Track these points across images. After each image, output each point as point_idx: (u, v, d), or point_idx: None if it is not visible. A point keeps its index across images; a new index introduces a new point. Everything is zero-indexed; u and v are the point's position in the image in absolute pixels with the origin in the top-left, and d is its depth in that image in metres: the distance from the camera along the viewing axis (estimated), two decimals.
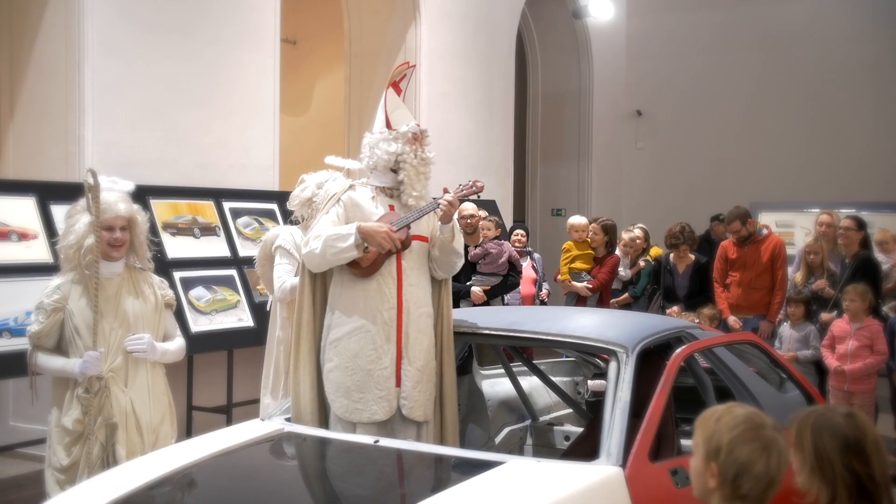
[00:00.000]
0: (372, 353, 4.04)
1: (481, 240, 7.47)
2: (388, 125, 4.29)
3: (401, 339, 4.08)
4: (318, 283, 4.23)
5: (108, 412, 4.09)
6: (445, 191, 4.24)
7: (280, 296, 5.22)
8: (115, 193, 4.22)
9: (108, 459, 4.08)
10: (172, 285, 5.97)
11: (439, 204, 4.20)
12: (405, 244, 4.12)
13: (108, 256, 4.17)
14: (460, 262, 4.37)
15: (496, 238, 7.62)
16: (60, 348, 4.18)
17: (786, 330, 7.21)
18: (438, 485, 3.19)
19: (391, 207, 4.26)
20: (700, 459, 2.35)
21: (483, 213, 7.81)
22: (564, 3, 13.33)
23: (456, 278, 7.20)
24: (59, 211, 5.71)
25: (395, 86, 4.41)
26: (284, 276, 5.21)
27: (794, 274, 7.91)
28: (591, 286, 7.95)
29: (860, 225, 7.64)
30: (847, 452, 2.35)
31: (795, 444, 2.42)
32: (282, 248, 5.27)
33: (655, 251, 8.79)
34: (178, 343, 4.44)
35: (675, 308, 7.68)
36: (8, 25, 6.94)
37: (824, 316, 7.18)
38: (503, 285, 7.42)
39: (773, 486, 2.31)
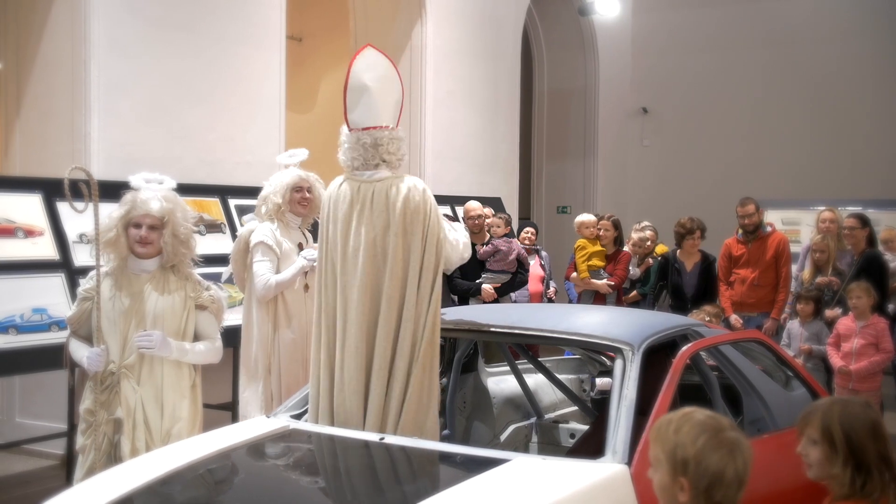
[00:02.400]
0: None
1: (488, 238, 7.46)
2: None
3: None
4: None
5: (114, 407, 4.11)
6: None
7: (264, 293, 5.15)
8: (152, 192, 4.23)
9: (113, 454, 4.11)
10: None
11: None
12: None
13: (136, 253, 4.18)
14: None
15: (505, 236, 7.63)
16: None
17: (795, 327, 7.18)
18: (444, 482, 3.19)
19: None
20: (665, 474, 2.29)
21: (489, 212, 7.81)
22: (570, 1, 13.31)
23: (465, 276, 7.24)
24: (64, 208, 5.72)
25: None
26: (268, 274, 5.14)
27: (801, 272, 7.89)
28: (612, 283, 7.94)
29: (864, 222, 7.63)
30: (876, 439, 2.47)
31: (823, 439, 2.45)
32: (263, 245, 5.20)
33: (661, 248, 8.77)
34: (206, 346, 4.33)
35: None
36: (14, 23, 6.95)
37: (829, 313, 7.17)
38: (512, 283, 7.42)
39: (742, 487, 2.28)
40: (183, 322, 4.25)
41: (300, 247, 5.33)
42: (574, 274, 8.22)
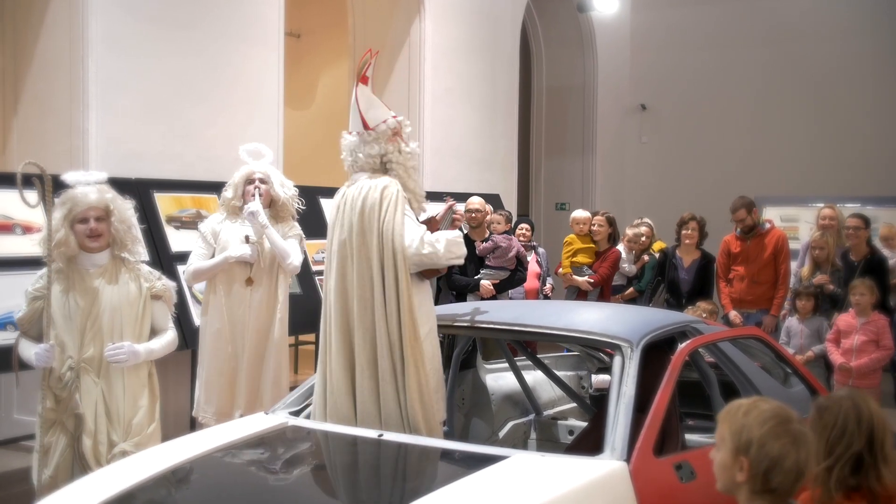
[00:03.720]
0: (439, 353, 4.14)
1: (488, 234, 7.46)
2: (366, 125, 4.17)
3: None
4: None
5: (75, 403, 4.08)
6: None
7: (185, 279, 5.63)
8: (87, 185, 4.23)
9: (76, 449, 4.10)
10: (176, 279, 5.97)
11: (454, 209, 4.35)
12: None
13: (87, 248, 4.16)
14: None
15: (505, 232, 7.61)
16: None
17: (794, 324, 7.17)
18: (443, 479, 3.19)
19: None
20: (727, 453, 2.37)
21: (490, 208, 7.81)
22: None
23: (463, 272, 7.24)
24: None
25: (364, 79, 4.24)
26: (193, 261, 5.49)
27: (801, 268, 7.89)
28: (592, 280, 7.92)
29: (867, 223, 7.66)
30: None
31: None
32: (199, 234, 5.59)
33: (659, 245, 8.76)
34: (166, 339, 4.35)
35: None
36: (11, 20, 6.94)
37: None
38: (511, 280, 7.41)
39: (801, 479, 2.35)
40: (140, 312, 4.23)
41: (247, 239, 5.46)
42: (560, 270, 8.24)
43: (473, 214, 7.38)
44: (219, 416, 5.38)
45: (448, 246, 4.06)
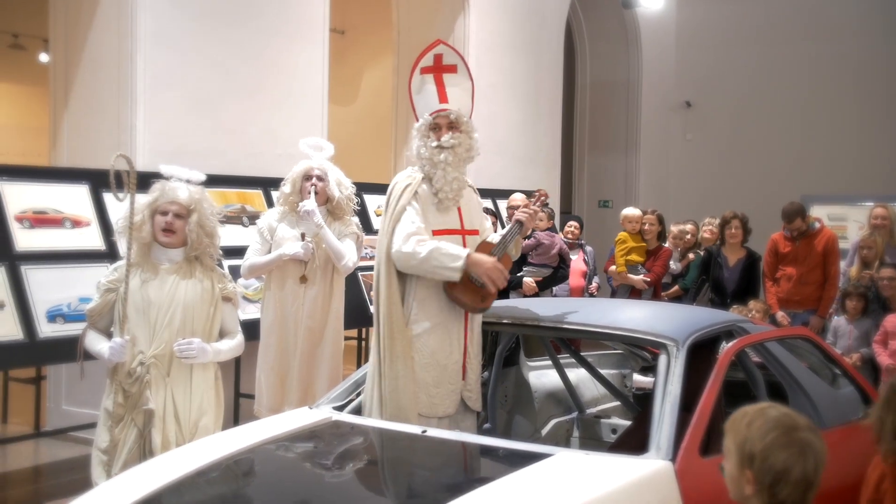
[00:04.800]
0: (447, 349, 4.10)
1: (531, 231, 7.43)
2: (416, 117, 4.28)
3: (467, 333, 4.15)
4: (400, 278, 4.14)
5: (146, 399, 4.05)
6: (520, 207, 4.29)
7: (242, 273, 5.61)
8: (180, 182, 4.24)
9: (144, 447, 4.06)
10: None
11: (521, 221, 4.20)
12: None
13: (159, 240, 4.16)
14: None
15: (548, 230, 7.58)
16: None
17: (843, 325, 7.05)
18: (487, 476, 3.18)
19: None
20: (734, 465, 2.29)
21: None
22: None
23: None
24: (110, 198, 5.79)
25: (428, 69, 4.24)
26: (249, 256, 5.53)
27: (849, 268, 7.76)
28: (648, 279, 7.86)
29: None
30: None
31: None
32: (257, 229, 5.64)
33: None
34: (235, 341, 4.35)
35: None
36: (63, 17, 7.05)
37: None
38: (553, 277, 7.37)
39: (811, 489, 2.26)
40: (211, 313, 4.22)
41: (303, 237, 5.43)
42: (612, 267, 8.16)
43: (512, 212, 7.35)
44: (270, 412, 5.32)
45: (432, 253, 3.97)
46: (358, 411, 4.10)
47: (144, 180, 4.33)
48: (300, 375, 5.44)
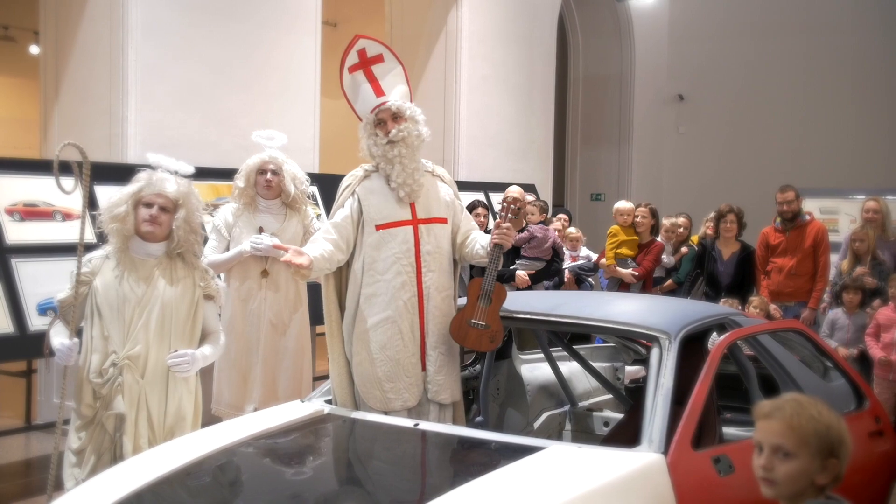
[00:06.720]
0: (399, 343, 4.06)
1: (525, 224, 7.42)
2: (358, 117, 4.25)
3: (423, 324, 4.10)
4: (336, 274, 4.18)
5: (115, 402, 3.82)
6: (497, 225, 4.13)
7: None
8: (168, 174, 4.05)
9: (115, 452, 3.84)
10: None
11: (500, 244, 4.11)
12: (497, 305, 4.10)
13: (140, 232, 3.93)
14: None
15: (540, 223, 7.57)
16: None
17: (841, 317, 7.06)
18: (480, 468, 3.17)
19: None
20: (807, 459, 2.19)
21: (531, 198, 7.77)
22: None
23: None
24: (102, 191, 5.76)
25: (356, 67, 4.24)
26: (207, 254, 5.11)
27: (841, 261, 7.77)
28: (636, 273, 7.85)
29: None
30: None
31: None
32: (213, 226, 5.41)
33: (694, 239, 8.67)
34: (219, 343, 4.14)
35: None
36: (54, 9, 7.01)
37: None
38: (547, 270, 7.37)
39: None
40: (192, 311, 3.98)
41: (260, 230, 5.30)
42: (603, 260, 8.17)
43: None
44: (231, 410, 5.23)
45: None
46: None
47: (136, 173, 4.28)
48: (263, 373, 5.29)
